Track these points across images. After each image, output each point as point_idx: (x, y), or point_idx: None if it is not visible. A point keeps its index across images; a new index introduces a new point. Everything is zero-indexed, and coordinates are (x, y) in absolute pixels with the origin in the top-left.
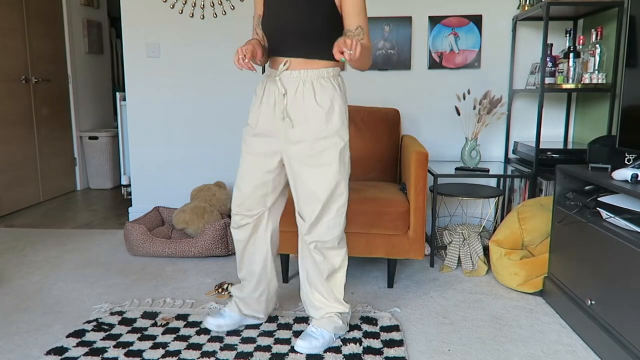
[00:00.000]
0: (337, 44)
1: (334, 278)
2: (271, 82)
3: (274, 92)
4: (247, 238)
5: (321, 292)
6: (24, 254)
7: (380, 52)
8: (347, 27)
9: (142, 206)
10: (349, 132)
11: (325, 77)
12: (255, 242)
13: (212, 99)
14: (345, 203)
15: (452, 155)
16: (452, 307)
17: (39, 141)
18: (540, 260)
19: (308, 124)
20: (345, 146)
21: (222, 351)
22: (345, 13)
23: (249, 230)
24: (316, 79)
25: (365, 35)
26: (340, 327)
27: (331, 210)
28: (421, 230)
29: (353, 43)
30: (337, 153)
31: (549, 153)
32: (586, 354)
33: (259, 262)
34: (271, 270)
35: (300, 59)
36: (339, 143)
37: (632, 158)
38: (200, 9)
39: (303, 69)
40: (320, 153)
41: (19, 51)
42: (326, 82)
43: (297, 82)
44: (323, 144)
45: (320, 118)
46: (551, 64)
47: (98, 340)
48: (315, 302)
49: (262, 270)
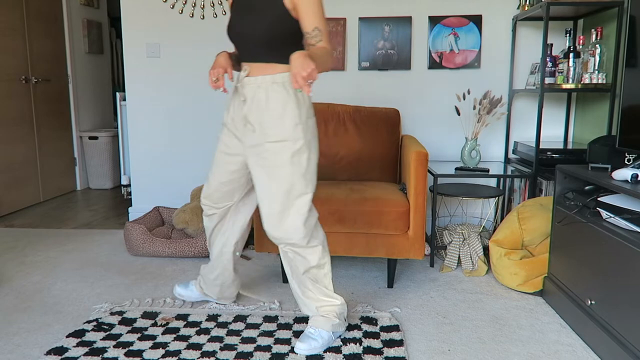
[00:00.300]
0: (292, 76)
1: (316, 275)
2: (238, 87)
3: (238, 97)
4: (212, 226)
5: (306, 285)
6: (24, 254)
7: (380, 52)
8: (304, 30)
9: (142, 206)
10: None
11: (279, 82)
12: (219, 230)
13: (212, 99)
14: (307, 204)
15: (452, 155)
16: (452, 307)
17: (38, 141)
18: (540, 260)
19: (262, 129)
20: (299, 149)
21: (222, 351)
22: (301, 16)
23: (215, 220)
24: (270, 85)
25: (323, 36)
26: (338, 325)
27: (290, 212)
28: (421, 230)
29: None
30: (289, 156)
31: (549, 153)
32: (586, 354)
33: (216, 248)
34: (228, 260)
35: (260, 64)
36: (291, 146)
37: (632, 158)
38: (200, 9)
39: (261, 75)
40: (272, 156)
41: (19, 51)
42: (278, 87)
43: (255, 88)
44: (274, 147)
45: (270, 122)
46: (551, 64)
47: (98, 340)
48: (302, 297)
49: (217, 256)
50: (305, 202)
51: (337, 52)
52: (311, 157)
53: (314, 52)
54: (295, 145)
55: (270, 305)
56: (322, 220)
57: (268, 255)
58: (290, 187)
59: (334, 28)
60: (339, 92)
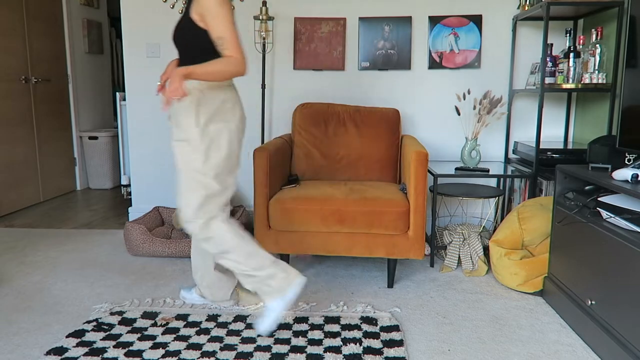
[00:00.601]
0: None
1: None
2: None
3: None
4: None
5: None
6: (24, 254)
7: (380, 52)
8: (213, 39)
9: (142, 206)
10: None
11: (190, 86)
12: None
13: None
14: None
15: (452, 155)
16: (452, 307)
17: (38, 141)
18: (540, 260)
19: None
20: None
21: (222, 351)
22: (208, 27)
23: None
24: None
25: (228, 44)
26: (278, 288)
27: (184, 205)
28: (421, 230)
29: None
30: (185, 155)
31: (549, 153)
32: (586, 354)
33: (194, 247)
34: (204, 258)
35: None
36: (186, 147)
37: (632, 158)
38: None
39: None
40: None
41: (19, 51)
42: (192, 90)
43: None
44: (176, 145)
45: (178, 123)
46: (551, 63)
47: (98, 340)
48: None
49: (195, 255)
50: (197, 198)
51: (337, 52)
52: (208, 160)
53: (197, 67)
54: (190, 147)
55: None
56: (322, 220)
57: None
58: (185, 182)
59: (334, 28)
60: (339, 92)
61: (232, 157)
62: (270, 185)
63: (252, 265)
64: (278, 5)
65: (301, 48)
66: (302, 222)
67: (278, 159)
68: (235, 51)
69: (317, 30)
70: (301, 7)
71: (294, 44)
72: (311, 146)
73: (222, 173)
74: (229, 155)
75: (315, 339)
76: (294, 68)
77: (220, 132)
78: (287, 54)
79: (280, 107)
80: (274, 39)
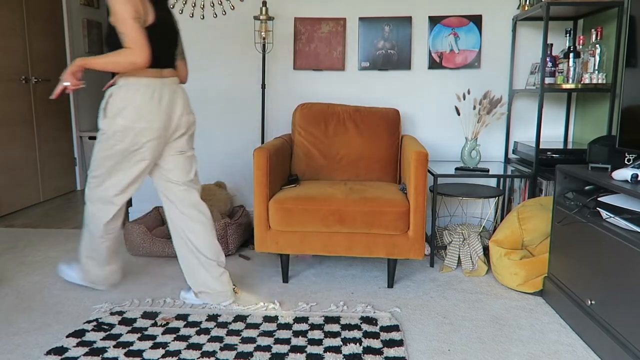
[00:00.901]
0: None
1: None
2: None
3: None
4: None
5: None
6: (24, 254)
7: (380, 52)
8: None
9: (142, 206)
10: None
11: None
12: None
13: (212, 99)
14: (90, 183)
15: (452, 155)
16: (452, 307)
17: (38, 141)
18: (540, 260)
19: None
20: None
21: (222, 351)
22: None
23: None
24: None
25: (126, 38)
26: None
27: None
28: (421, 230)
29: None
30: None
31: (549, 153)
32: (586, 354)
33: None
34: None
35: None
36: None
37: (632, 158)
38: (200, 9)
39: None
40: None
41: (19, 51)
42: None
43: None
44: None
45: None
46: (551, 64)
47: (98, 340)
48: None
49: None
50: (91, 182)
51: (337, 52)
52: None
53: (94, 57)
54: (99, 134)
55: (270, 305)
56: (322, 220)
57: (268, 255)
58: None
59: (334, 28)
60: (339, 92)
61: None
62: (270, 185)
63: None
64: (278, 5)
65: (301, 48)
66: (302, 222)
67: (278, 159)
68: (131, 43)
69: (317, 30)
70: (301, 7)
71: (294, 44)
72: (311, 146)
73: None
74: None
75: (315, 339)
76: (294, 68)
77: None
78: (287, 54)
79: (280, 107)
80: (274, 39)
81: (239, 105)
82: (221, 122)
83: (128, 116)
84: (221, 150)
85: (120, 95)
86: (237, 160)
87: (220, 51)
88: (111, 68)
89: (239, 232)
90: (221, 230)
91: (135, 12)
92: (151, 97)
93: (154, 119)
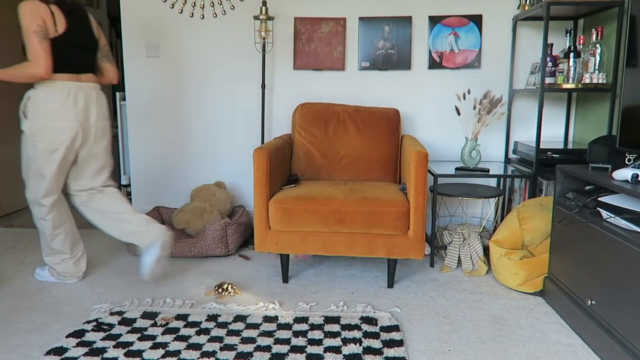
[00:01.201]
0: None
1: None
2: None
3: None
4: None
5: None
6: (24, 254)
7: (380, 52)
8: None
9: (142, 206)
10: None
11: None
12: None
13: (212, 100)
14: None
15: (452, 155)
16: (452, 307)
17: None
18: (540, 260)
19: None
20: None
21: (222, 351)
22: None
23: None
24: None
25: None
26: (53, 275)
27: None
28: (421, 230)
29: None
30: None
31: (549, 153)
32: (586, 354)
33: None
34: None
35: None
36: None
37: (633, 158)
38: (200, 9)
39: None
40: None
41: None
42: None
43: None
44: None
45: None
46: (551, 63)
47: (98, 340)
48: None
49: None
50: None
51: (337, 52)
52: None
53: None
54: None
55: (270, 305)
56: (322, 220)
57: (268, 255)
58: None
59: (334, 28)
60: (339, 92)
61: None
62: (270, 185)
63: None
64: (278, 5)
65: (301, 48)
66: (302, 222)
67: (278, 159)
68: (30, 56)
69: (317, 30)
70: (301, 7)
71: (294, 44)
72: (311, 146)
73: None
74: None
75: (315, 339)
76: (294, 68)
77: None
78: (287, 53)
79: (280, 107)
80: (274, 39)
81: (238, 105)
82: (221, 122)
83: (46, 116)
84: (221, 150)
85: (37, 97)
86: (237, 160)
87: (220, 51)
88: (15, 80)
89: (239, 232)
90: (221, 230)
91: (39, 25)
92: (67, 98)
93: (71, 119)
